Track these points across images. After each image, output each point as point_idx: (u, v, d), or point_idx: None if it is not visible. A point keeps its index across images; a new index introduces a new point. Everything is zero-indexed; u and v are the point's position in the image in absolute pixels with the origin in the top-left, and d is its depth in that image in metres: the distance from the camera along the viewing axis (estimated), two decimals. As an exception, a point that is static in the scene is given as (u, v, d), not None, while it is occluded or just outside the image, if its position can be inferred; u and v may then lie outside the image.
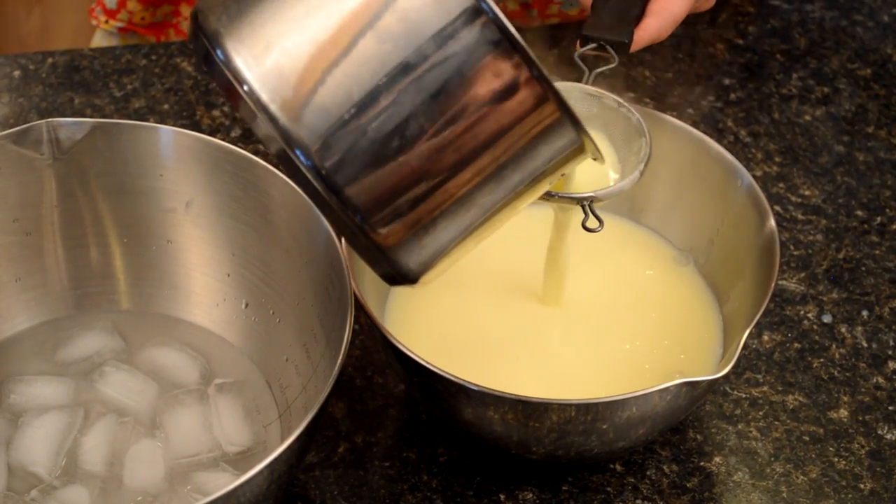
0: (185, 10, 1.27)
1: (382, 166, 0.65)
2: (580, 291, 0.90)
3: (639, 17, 0.85)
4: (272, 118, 0.65)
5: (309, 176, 0.65)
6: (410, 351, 0.77)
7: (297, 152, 0.65)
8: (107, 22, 1.25)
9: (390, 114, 0.65)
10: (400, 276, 0.69)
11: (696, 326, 0.89)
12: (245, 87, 0.65)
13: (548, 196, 0.80)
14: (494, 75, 0.65)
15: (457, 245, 0.70)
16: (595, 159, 0.72)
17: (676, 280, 0.92)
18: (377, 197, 0.66)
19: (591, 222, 0.80)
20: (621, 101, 0.84)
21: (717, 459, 0.87)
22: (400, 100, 0.65)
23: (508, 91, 0.66)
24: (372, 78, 0.65)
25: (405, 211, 0.67)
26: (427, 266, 0.69)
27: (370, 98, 0.65)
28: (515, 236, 0.92)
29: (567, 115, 0.67)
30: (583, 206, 0.81)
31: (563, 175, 0.72)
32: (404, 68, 0.65)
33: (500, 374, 0.85)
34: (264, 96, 0.65)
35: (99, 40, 1.27)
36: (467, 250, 0.71)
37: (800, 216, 1.03)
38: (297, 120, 0.65)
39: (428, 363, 0.76)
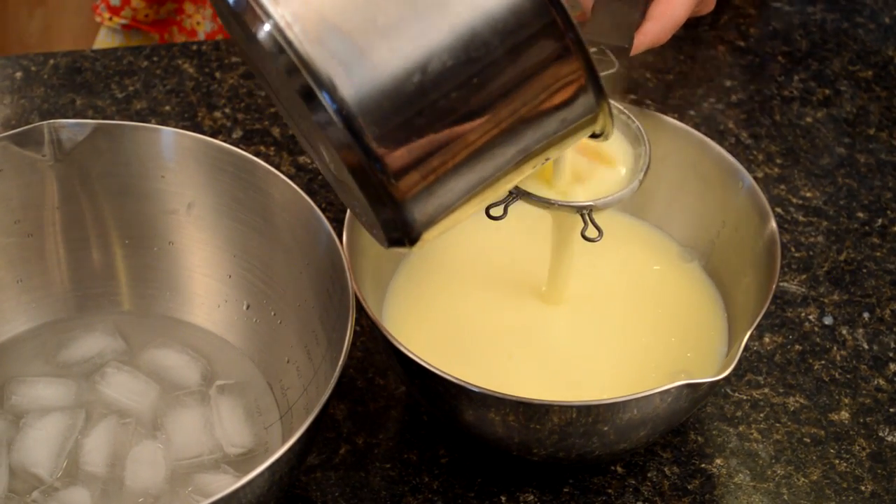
0: (189, 8, 1.27)
1: (404, 106, 0.63)
2: (585, 287, 0.90)
3: (639, 21, 0.85)
4: (296, 50, 0.62)
5: (334, 118, 0.63)
6: (412, 353, 0.77)
7: (324, 94, 0.62)
8: (111, 19, 1.26)
9: (415, 48, 0.63)
10: (405, 231, 0.67)
11: (702, 324, 0.89)
12: (271, 20, 0.62)
13: (547, 204, 0.80)
14: (525, 23, 0.64)
15: (462, 203, 0.68)
16: (599, 135, 0.72)
17: (682, 276, 0.92)
18: (397, 140, 0.64)
19: (591, 232, 0.80)
20: (622, 108, 0.84)
21: (719, 461, 0.87)
22: (427, 35, 0.63)
23: (537, 43, 0.64)
24: (398, 7, 0.63)
25: (422, 158, 0.65)
26: (431, 221, 0.68)
27: (395, 29, 0.63)
28: (516, 233, 0.92)
29: (591, 80, 0.66)
30: (582, 216, 0.81)
31: (552, 158, 0.71)
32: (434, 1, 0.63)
33: (502, 374, 0.85)
34: (285, 23, 0.62)
35: (103, 37, 1.28)
36: (469, 212, 0.70)
37: (801, 218, 1.03)
38: (321, 53, 0.62)
39: (429, 365, 0.76)
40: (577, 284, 0.90)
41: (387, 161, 0.64)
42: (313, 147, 0.72)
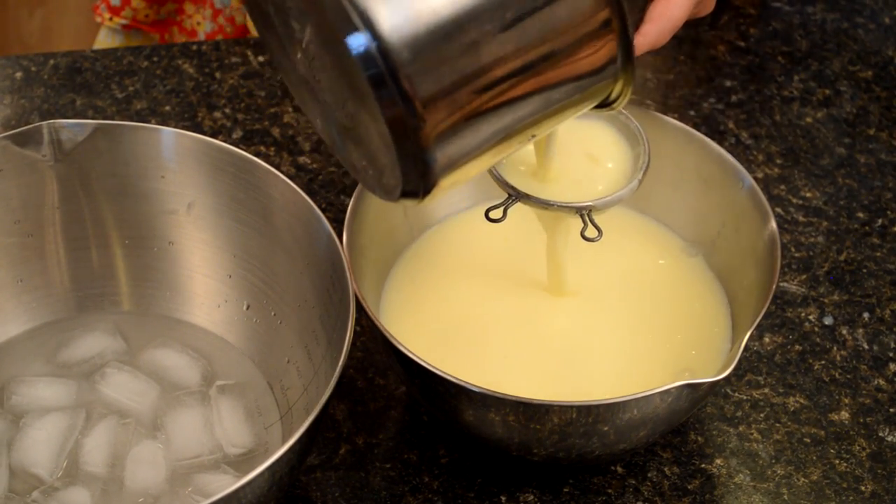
0: (189, 8, 1.27)
1: (440, 39, 0.63)
2: (589, 281, 0.90)
3: (637, 23, 0.86)
4: None
5: (371, 47, 0.62)
6: (412, 353, 0.77)
7: (364, 26, 0.62)
8: (111, 19, 1.26)
9: None
10: (424, 173, 0.67)
11: (707, 322, 0.89)
12: None
13: (546, 205, 0.80)
14: None
15: (481, 152, 0.68)
16: (613, 102, 0.72)
17: (686, 271, 0.92)
18: (430, 74, 0.64)
19: (590, 231, 0.80)
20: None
21: (719, 461, 0.87)
22: None
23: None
24: None
25: (452, 94, 0.65)
26: (450, 166, 0.67)
27: None
28: (514, 228, 0.91)
29: (622, 32, 0.67)
30: (581, 216, 0.81)
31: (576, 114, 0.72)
32: None
33: (502, 372, 0.85)
34: None
35: (103, 37, 1.28)
36: (484, 165, 0.70)
37: (801, 218, 1.03)
38: None
39: (429, 365, 0.76)
40: (582, 279, 0.90)
41: (418, 95, 0.64)
42: (318, 95, 0.71)
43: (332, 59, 0.66)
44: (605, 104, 0.73)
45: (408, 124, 0.65)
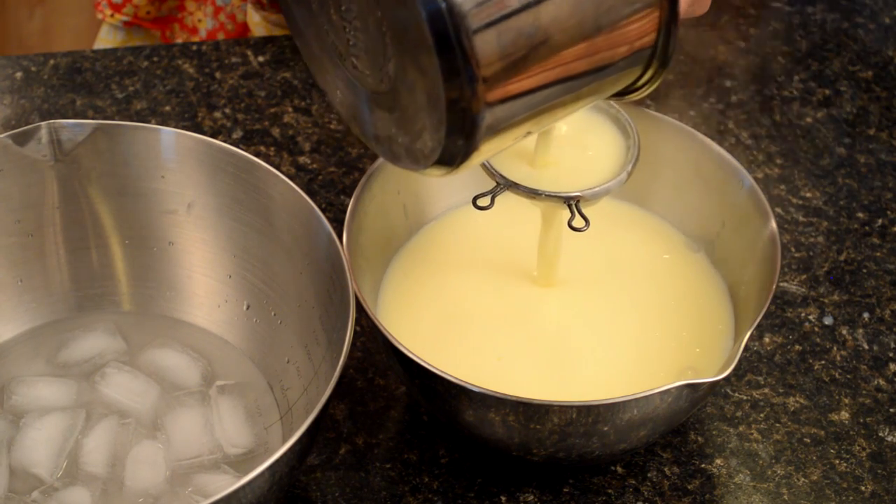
0: (190, 6, 1.27)
1: (504, 4, 0.64)
2: (592, 277, 0.90)
3: None
4: None
5: (442, 9, 0.62)
6: (412, 353, 0.77)
7: None
8: (112, 16, 1.26)
9: None
10: (470, 132, 0.66)
11: (710, 319, 0.89)
12: None
13: (534, 194, 0.80)
14: None
15: (522, 119, 0.68)
16: (642, 86, 0.72)
17: (690, 267, 0.92)
18: (494, 36, 0.64)
19: (578, 221, 0.80)
20: (611, 101, 0.84)
21: (719, 461, 0.87)
22: None
23: None
24: None
25: (510, 54, 0.65)
26: (494, 129, 0.67)
27: None
28: (512, 223, 0.91)
29: (671, 12, 0.68)
30: (569, 206, 0.80)
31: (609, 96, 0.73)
32: None
33: (501, 369, 0.85)
34: None
35: (104, 34, 1.28)
36: (522, 133, 0.70)
37: (801, 218, 1.03)
38: None
39: (429, 365, 0.76)
40: (584, 272, 0.89)
41: (480, 51, 0.64)
42: (347, 62, 0.71)
43: (382, 15, 0.66)
44: (633, 88, 0.73)
45: (465, 81, 0.64)
